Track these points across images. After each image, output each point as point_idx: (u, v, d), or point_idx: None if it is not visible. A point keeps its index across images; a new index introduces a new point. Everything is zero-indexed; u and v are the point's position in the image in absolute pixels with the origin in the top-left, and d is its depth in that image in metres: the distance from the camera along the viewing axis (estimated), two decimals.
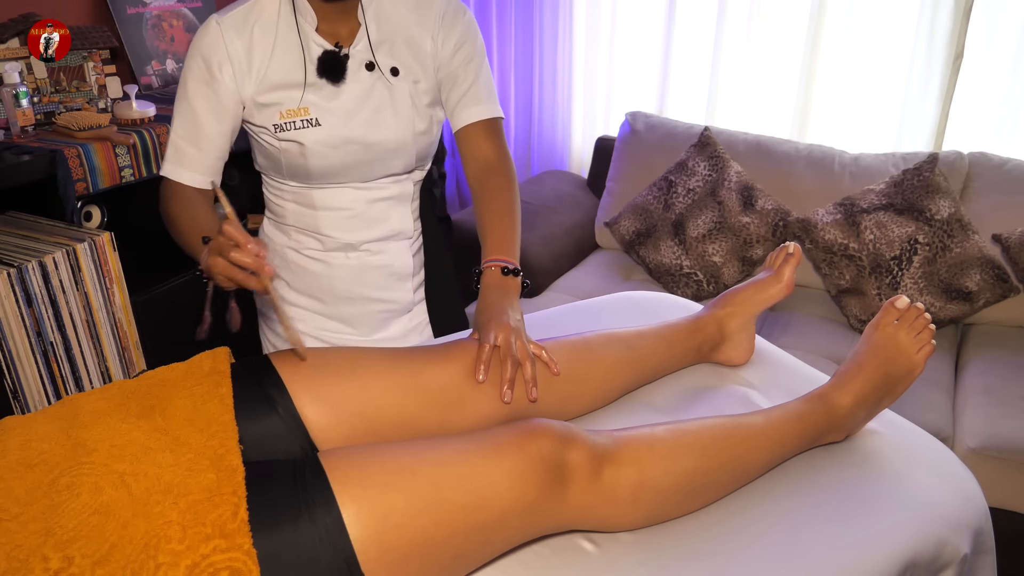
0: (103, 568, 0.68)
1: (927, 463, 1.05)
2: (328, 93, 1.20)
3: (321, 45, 1.19)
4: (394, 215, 1.33)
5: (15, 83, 1.63)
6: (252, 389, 0.91)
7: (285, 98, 1.19)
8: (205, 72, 1.18)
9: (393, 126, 1.23)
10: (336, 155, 1.22)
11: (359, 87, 1.21)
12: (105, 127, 1.64)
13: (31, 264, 1.38)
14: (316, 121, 1.19)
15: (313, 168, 1.23)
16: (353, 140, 1.21)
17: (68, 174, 1.54)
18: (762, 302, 1.23)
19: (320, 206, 1.28)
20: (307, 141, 1.20)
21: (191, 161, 1.22)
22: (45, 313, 1.42)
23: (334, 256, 1.32)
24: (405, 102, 1.23)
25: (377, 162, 1.25)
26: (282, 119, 1.19)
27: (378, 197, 1.30)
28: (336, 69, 1.18)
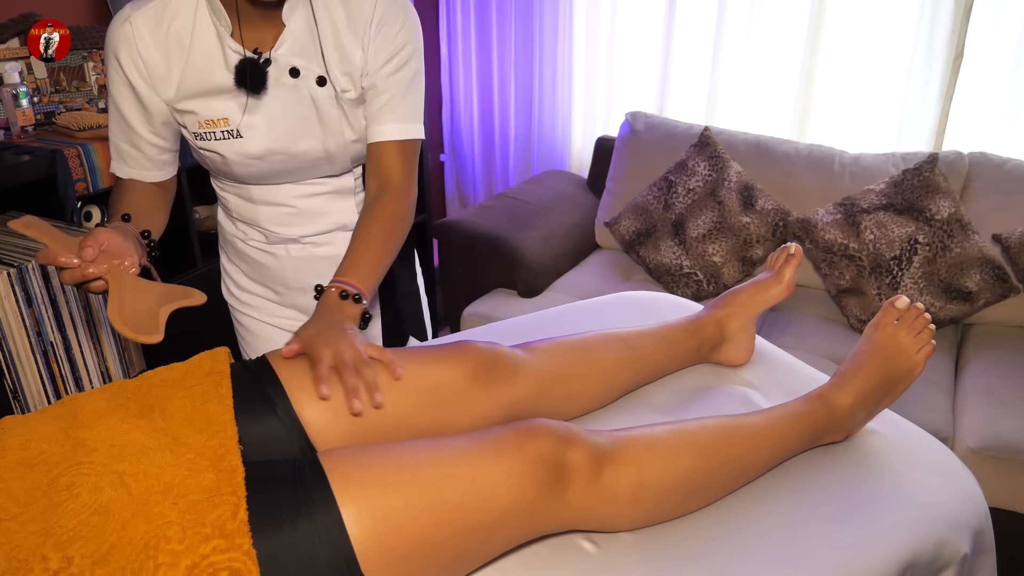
0: (103, 568, 0.68)
1: (927, 463, 1.05)
2: (249, 103, 1.12)
3: (237, 52, 1.09)
4: (336, 208, 1.27)
5: (15, 83, 1.63)
6: (251, 389, 0.91)
7: (203, 107, 1.11)
8: (121, 73, 1.10)
9: (320, 136, 1.16)
10: (260, 165, 1.16)
11: (283, 94, 1.12)
12: (105, 127, 1.64)
13: (31, 264, 1.38)
14: (237, 132, 1.12)
15: (238, 174, 1.18)
16: (277, 151, 1.15)
17: (68, 174, 1.54)
18: (763, 303, 1.23)
19: (259, 201, 1.24)
20: (227, 152, 1.14)
21: (132, 159, 1.17)
22: (45, 313, 1.42)
23: (278, 248, 1.29)
24: (331, 112, 1.15)
25: (308, 168, 1.20)
26: (201, 128, 1.12)
27: (315, 192, 1.24)
28: (256, 78, 1.09)
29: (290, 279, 1.31)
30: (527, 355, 1.06)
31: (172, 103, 1.12)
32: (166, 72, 1.10)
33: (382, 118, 1.17)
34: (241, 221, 1.29)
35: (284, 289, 1.32)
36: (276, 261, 1.30)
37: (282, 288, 1.32)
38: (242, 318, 1.40)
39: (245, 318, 1.40)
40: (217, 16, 1.08)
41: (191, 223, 1.81)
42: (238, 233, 1.31)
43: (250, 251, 1.31)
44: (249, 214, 1.26)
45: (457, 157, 3.35)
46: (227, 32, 1.09)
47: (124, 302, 0.92)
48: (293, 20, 1.10)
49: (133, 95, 1.11)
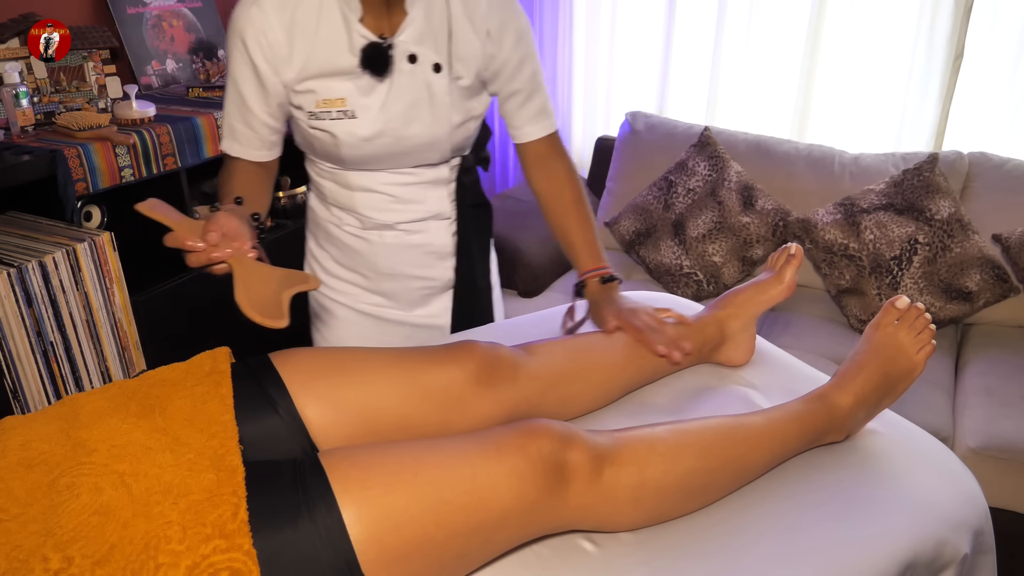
0: (103, 568, 0.68)
1: (927, 463, 1.05)
2: (366, 85, 1.17)
3: (365, 36, 1.15)
4: (431, 197, 1.32)
5: (15, 83, 1.63)
6: (252, 389, 0.91)
7: (322, 87, 1.17)
8: (244, 53, 1.15)
9: (428, 121, 1.22)
10: (368, 147, 1.21)
11: (399, 79, 1.18)
12: (105, 127, 1.64)
13: (31, 264, 1.38)
14: (352, 113, 1.18)
15: (345, 156, 1.23)
16: (387, 134, 1.20)
17: (68, 174, 1.53)
18: (763, 303, 1.23)
19: (356, 187, 1.28)
20: (340, 132, 1.19)
21: (244, 137, 1.22)
22: (45, 313, 1.42)
23: (372, 234, 1.33)
24: (443, 98, 1.21)
25: (410, 154, 1.25)
26: (318, 108, 1.18)
27: (412, 181, 1.30)
28: (380, 62, 1.16)
29: (381, 265, 1.35)
30: (528, 355, 1.06)
31: (291, 84, 1.17)
32: (288, 53, 1.15)
33: (522, 119, 1.31)
34: (336, 207, 1.33)
35: (374, 275, 1.36)
36: (369, 247, 1.33)
37: (372, 273, 1.36)
38: (326, 302, 1.42)
39: (330, 302, 1.42)
40: (347, 2, 1.15)
41: None
42: (332, 218, 1.35)
43: (343, 236, 1.35)
44: (346, 200, 1.30)
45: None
46: (355, 17, 1.15)
47: (250, 287, 0.94)
48: (415, 8, 1.17)
49: (254, 75, 1.16)
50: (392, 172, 1.27)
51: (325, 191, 1.33)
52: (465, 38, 1.20)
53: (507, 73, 1.25)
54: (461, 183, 1.35)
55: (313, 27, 1.15)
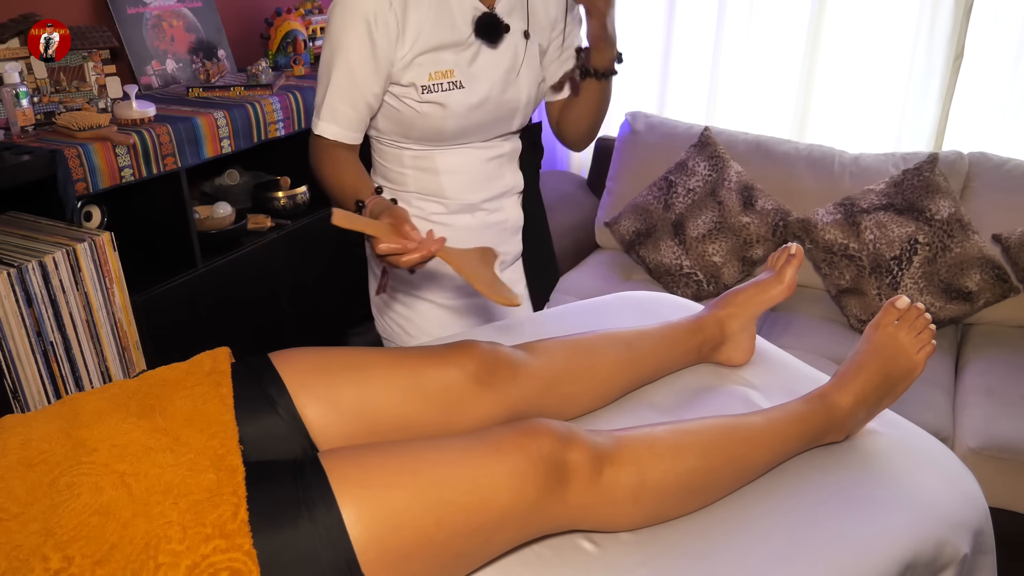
0: (103, 568, 0.68)
1: (927, 463, 1.05)
2: (470, 55, 1.25)
3: (477, 8, 1.23)
4: (507, 172, 1.40)
5: (15, 83, 1.63)
6: (252, 389, 0.91)
7: (434, 59, 1.23)
8: (364, 30, 1.19)
9: (522, 86, 1.31)
10: (474, 115, 1.27)
11: (499, 47, 1.27)
12: (105, 127, 1.64)
13: (31, 264, 1.38)
14: (460, 83, 1.24)
15: (449, 129, 1.27)
16: (490, 100, 1.28)
17: (68, 174, 1.53)
18: (763, 303, 1.23)
19: (443, 169, 1.33)
20: (450, 103, 1.24)
21: (344, 119, 1.25)
22: (45, 313, 1.42)
23: (458, 218, 1.37)
24: (532, 63, 1.31)
25: (502, 121, 1.33)
26: (431, 80, 1.23)
27: (493, 155, 1.36)
28: (495, 32, 1.24)
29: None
30: (528, 355, 1.06)
31: (404, 60, 1.22)
32: (403, 30, 1.20)
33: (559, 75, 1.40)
34: (418, 196, 1.37)
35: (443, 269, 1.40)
36: (453, 232, 1.36)
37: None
38: (408, 299, 1.44)
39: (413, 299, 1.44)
40: None
41: (191, 223, 1.81)
42: (412, 210, 1.38)
43: (425, 226, 1.37)
44: (432, 185, 1.35)
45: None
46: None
47: (475, 273, 0.97)
48: None
49: (371, 53, 1.20)
50: (476, 148, 1.34)
51: (407, 181, 1.36)
52: (544, 6, 1.32)
53: (562, 38, 1.36)
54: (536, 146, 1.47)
55: (426, 3, 1.21)
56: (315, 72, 2.27)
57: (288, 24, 2.24)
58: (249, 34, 2.38)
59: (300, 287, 2.17)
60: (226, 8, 2.29)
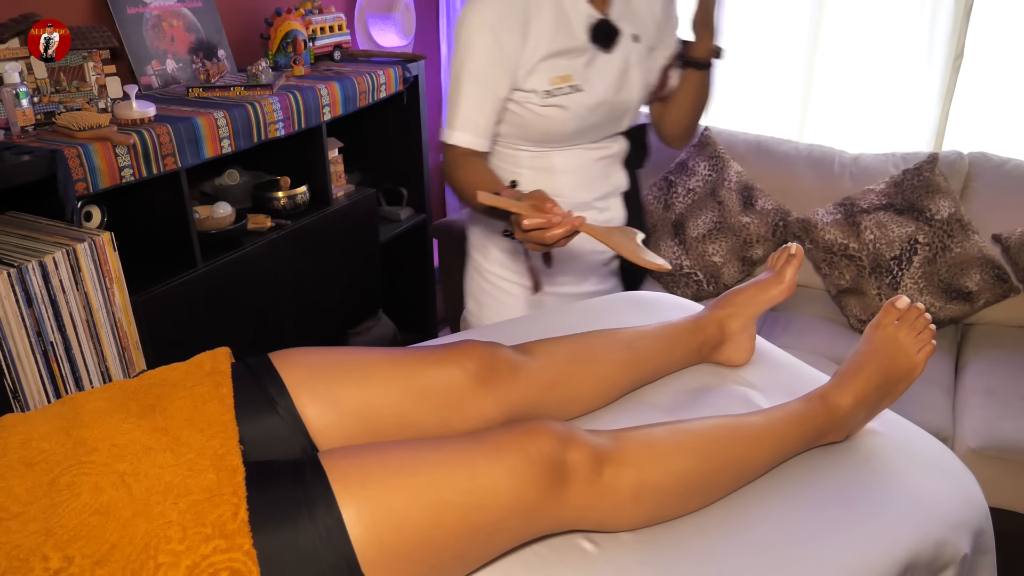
0: (103, 568, 0.68)
1: (927, 463, 1.05)
2: (587, 59, 1.32)
3: (592, 15, 1.31)
4: (614, 171, 1.48)
5: (15, 83, 1.63)
6: (252, 389, 0.91)
7: (554, 65, 1.30)
8: (491, 40, 1.26)
9: (633, 87, 1.38)
10: (592, 117, 1.35)
11: (611, 52, 1.34)
12: (105, 127, 1.64)
13: (31, 264, 1.38)
14: (579, 87, 1.32)
15: (568, 131, 1.35)
16: (606, 102, 1.35)
17: (68, 174, 1.53)
18: (763, 303, 1.23)
19: (558, 169, 1.41)
20: (570, 105, 1.32)
21: (475, 126, 1.32)
22: (45, 313, 1.42)
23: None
24: (643, 65, 1.38)
25: (614, 121, 1.40)
26: (552, 85, 1.30)
27: (603, 155, 1.44)
28: (609, 37, 1.31)
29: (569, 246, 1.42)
30: (528, 355, 1.06)
31: (527, 66, 1.30)
32: (526, 36, 1.28)
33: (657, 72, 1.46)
34: None
35: (558, 255, 1.47)
36: None
37: (557, 254, 1.47)
38: (508, 286, 1.53)
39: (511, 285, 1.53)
40: None
41: (191, 223, 1.81)
42: None
43: None
44: (547, 185, 1.40)
45: None
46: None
47: (620, 243, 1.02)
48: None
49: (500, 59, 1.28)
50: (587, 148, 1.41)
51: (522, 182, 1.43)
52: (650, 10, 1.39)
53: (667, 40, 1.43)
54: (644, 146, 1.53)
55: (545, 11, 1.29)
56: (314, 72, 2.27)
57: (288, 24, 2.24)
58: (249, 34, 2.38)
59: (300, 287, 2.17)
60: (226, 8, 2.29)
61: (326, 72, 2.28)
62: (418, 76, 2.52)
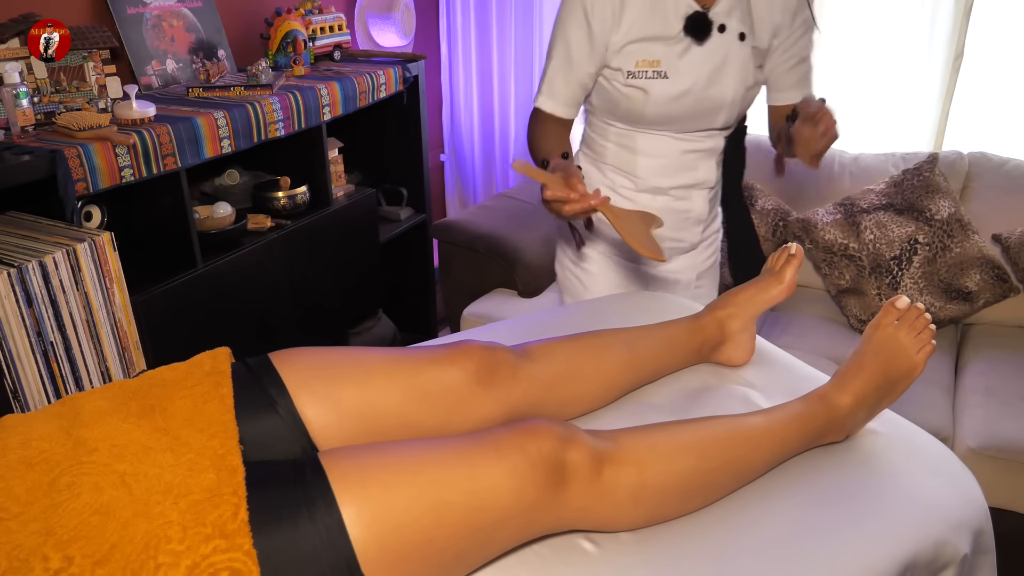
0: (103, 568, 0.68)
1: (927, 463, 1.05)
2: (680, 49, 1.34)
3: (690, 6, 1.32)
4: (701, 167, 1.48)
5: (15, 83, 1.63)
6: (252, 389, 0.91)
7: (643, 49, 1.33)
8: (582, 16, 1.33)
9: (727, 85, 1.37)
10: (673, 105, 1.37)
11: (708, 46, 1.34)
12: (105, 127, 1.64)
13: (31, 264, 1.38)
14: (665, 74, 1.34)
15: (648, 115, 1.38)
16: (691, 93, 1.36)
17: (68, 174, 1.53)
18: (763, 303, 1.23)
19: (640, 151, 1.45)
20: (652, 90, 1.35)
21: (559, 95, 1.40)
22: (45, 313, 1.42)
23: (644, 196, 1.49)
24: (743, 64, 1.37)
25: (704, 115, 1.40)
26: (636, 67, 1.34)
27: (691, 149, 1.45)
28: (703, 31, 1.32)
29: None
30: (528, 355, 1.06)
31: (616, 46, 1.34)
32: (619, 19, 1.33)
33: (786, 83, 1.45)
34: (613, 168, 1.50)
35: None
36: (635, 208, 1.46)
37: None
38: (588, 251, 1.58)
39: (589, 263, 1.58)
40: None
41: (191, 223, 1.81)
42: (604, 180, 1.52)
43: (613, 197, 1.49)
44: (627, 162, 1.47)
45: (457, 157, 3.35)
46: None
47: (630, 229, 1.06)
48: None
49: (588, 36, 1.34)
50: (675, 138, 1.42)
51: (606, 154, 1.49)
52: (767, 10, 1.36)
53: (789, 43, 1.40)
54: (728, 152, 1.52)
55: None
56: (314, 72, 2.27)
57: (288, 24, 2.24)
58: (249, 34, 2.38)
59: (300, 287, 2.17)
60: (226, 8, 2.29)
61: (326, 72, 2.28)
62: (418, 76, 2.52)
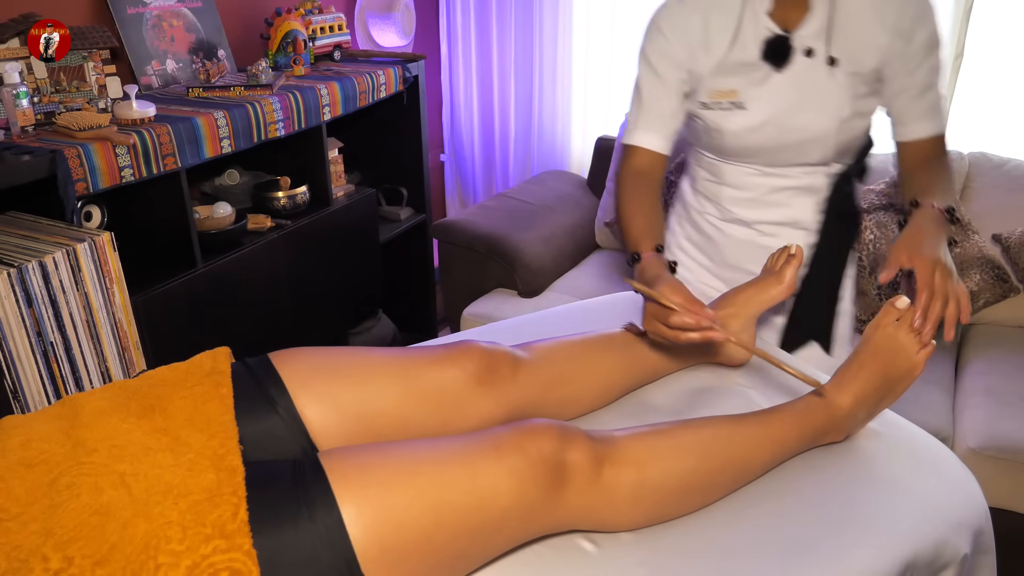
0: (103, 568, 0.68)
1: (927, 463, 1.05)
2: (760, 77, 1.22)
3: (771, 29, 1.20)
4: (796, 204, 1.33)
5: (15, 83, 1.63)
6: (252, 389, 0.91)
7: (719, 79, 1.24)
8: (666, 44, 1.25)
9: (816, 115, 1.23)
10: (753, 137, 1.26)
11: (792, 72, 1.22)
12: (105, 127, 1.64)
13: (31, 264, 1.38)
14: (742, 104, 1.24)
15: (728, 147, 1.29)
16: (773, 124, 1.24)
17: (68, 174, 1.53)
18: (763, 303, 1.22)
19: (727, 181, 1.34)
20: (727, 122, 1.25)
21: (651, 125, 1.29)
22: (45, 313, 1.42)
23: (729, 226, 1.39)
24: (835, 92, 1.22)
25: (791, 148, 1.27)
26: (710, 98, 1.25)
27: (784, 185, 1.32)
28: (782, 55, 1.20)
29: (728, 256, 1.40)
30: (528, 356, 1.06)
31: (697, 74, 1.26)
32: (700, 43, 1.23)
33: (912, 115, 1.26)
34: (702, 195, 1.41)
35: (719, 261, 1.42)
36: (722, 236, 1.39)
37: (718, 260, 1.43)
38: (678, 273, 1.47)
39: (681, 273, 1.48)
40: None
41: (191, 223, 1.81)
42: (695, 204, 1.44)
43: (701, 222, 1.43)
44: (713, 190, 1.37)
45: (457, 157, 3.35)
46: (763, 10, 1.20)
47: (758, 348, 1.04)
48: (818, 3, 1.19)
49: (672, 64, 1.25)
50: (767, 173, 1.30)
51: (697, 178, 1.40)
52: (868, 31, 1.19)
53: (908, 68, 1.22)
54: (835, 193, 1.33)
55: (723, 19, 1.22)
56: (314, 72, 2.27)
57: (288, 24, 2.24)
58: (249, 34, 2.38)
59: (300, 287, 2.17)
60: (226, 8, 2.29)
61: (326, 72, 2.28)
62: (418, 76, 2.52)
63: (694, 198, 1.43)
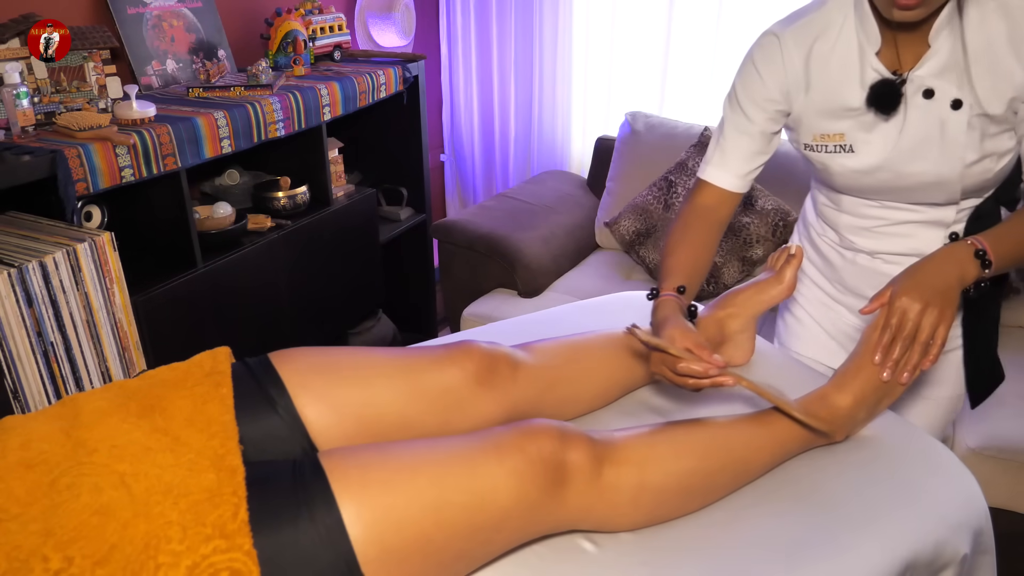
0: (103, 568, 0.68)
1: (927, 463, 1.05)
2: (869, 121, 1.11)
3: (878, 71, 1.08)
4: (921, 235, 1.20)
5: (15, 83, 1.63)
6: (252, 389, 0.91)
7: (821, 122, 1.15)
8: (756, 85, 1.17)
9: (936, 160, 1.10)
10: (864, 180, 1.16)
11: (909, 115, 1.09)
12: (105, 127, 1.64)
13: (31, 264, 1.38)
14: (850, 148, 1.14)
15: (837, 184, 1.20)
16: (886, 169, 1.13)
17: (68, 174, 1.53)
18: (763, 303, 1.23)
19: (846, 210, 1.25)
20: (833, 164, 1.16)
21: (726, 164, 1.23)
22: (45, 313, 1.42)
23: (848, 252, 1.29)
24: (958, 137, 1.07)
25: (911, 192, 1.15)
26: (814, 140, 1.17)
27: (907, 219, 1.20)
28: (889, 102, 1.08)
29: (848, 282, 1.31)
30: (528, 356, 1.06)
31: (796, 114, 1.17)
32: (799, 82, 1.14)
33: None
34: (822, 218, 1.32)
35: (840, 287, 1.33)
36: (841, 261, 1.30)
37: (839, 286, 1.33)
38: (791, 305, 1.43)
39: (794, 304, 1.42)
40: (866, 33, 1.08)
41: (191, 223, 1.81)
42: (815, 226, 1.35)
43: (821, 245, 1.34)
44: (832, 216, 1.28)
45: (457, 157, 3.35)
46: (872, 50, 1.09)
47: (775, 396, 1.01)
48: (940, 40, 1.05)
49: (762, 106, 1.18)
50: (887, 207, 1.20)
51: (818, 201, 1.32)
52: (1002, 65, 1.03)
53: None
54: (974, 223, 1.18)
55: (826, 59, 1.12)
56: (314, 72, 2.27)
57: (288, 24, 2.24)
58: (249, 34, 2.39)
59: (300, 287, 2.17)
60: (226, 8, 2.29)
61: (326, 72, 2.28)
62: (418, 76, 2.52)
63: (815, 220, 1.35)
